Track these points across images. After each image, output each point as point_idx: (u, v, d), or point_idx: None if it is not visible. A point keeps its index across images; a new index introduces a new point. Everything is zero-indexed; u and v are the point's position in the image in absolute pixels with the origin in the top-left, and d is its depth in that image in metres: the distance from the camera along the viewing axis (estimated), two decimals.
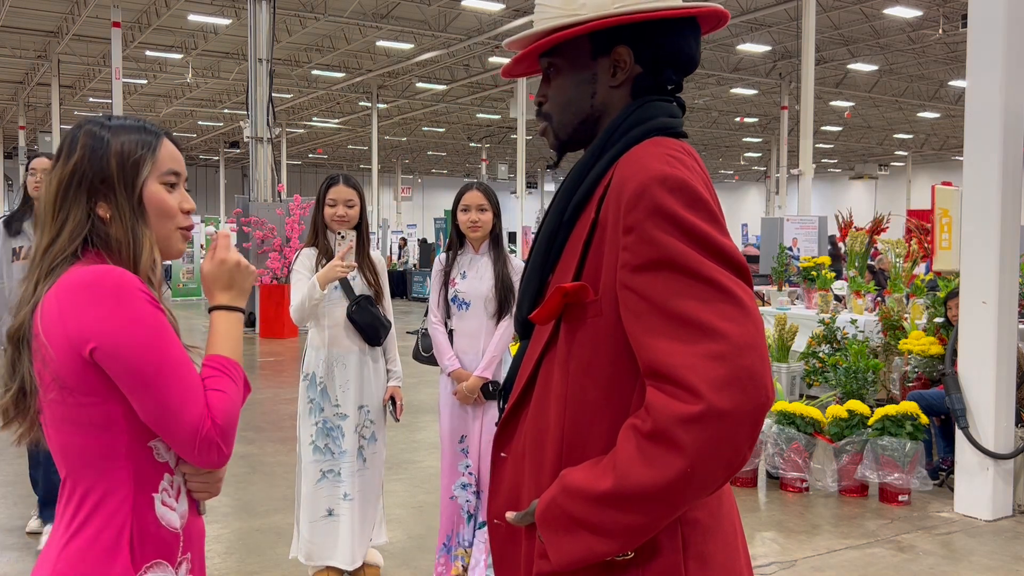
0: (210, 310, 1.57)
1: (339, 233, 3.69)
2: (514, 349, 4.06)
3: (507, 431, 1.45)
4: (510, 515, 1.38)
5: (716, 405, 1.15)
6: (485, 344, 3.75)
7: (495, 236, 3.80)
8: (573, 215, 1.39)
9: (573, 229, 1.39)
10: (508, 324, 3.76)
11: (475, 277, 3.76)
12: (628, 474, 1.20)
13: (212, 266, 1.56)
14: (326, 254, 3.75)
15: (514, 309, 3.68)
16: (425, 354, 3.97)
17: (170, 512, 1.50)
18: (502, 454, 1.45)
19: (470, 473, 3.77)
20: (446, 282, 3.81)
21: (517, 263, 3.80)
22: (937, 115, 34.73)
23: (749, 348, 1.17)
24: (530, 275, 1.45)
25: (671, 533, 1.29)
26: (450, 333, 3.81)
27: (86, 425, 1.42)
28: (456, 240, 3.85)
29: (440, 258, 3.88)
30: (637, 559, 1.28)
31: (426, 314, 3.95)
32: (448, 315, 3.81)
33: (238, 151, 36.64)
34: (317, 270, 3.69)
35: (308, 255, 3.79)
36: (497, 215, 3.79)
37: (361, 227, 3.80)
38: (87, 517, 1.44)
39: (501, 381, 3.70)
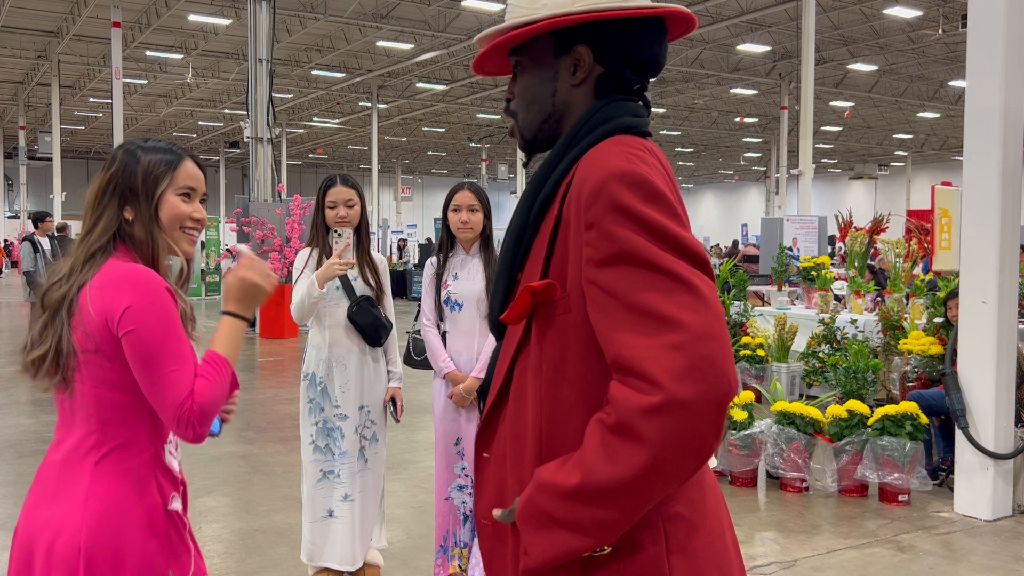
0: (222, 313, 1.87)
1: (336, 231, 3.68)
2: None
3: (488, 431, 1.46)
4: (496, 512, 1.38)
5: (676, 395, 1.15)
6: (479, 345, 3.74)
7: (486, 237, 3.79)
8: (539, 213, 1.40)
9: (540, 227, 1.41)
10: None
11: (467, 278, 3.75)
12: (594, 469, 1.21)
13: (234, 280, 1.87)
14: (327, 255, 3.75)
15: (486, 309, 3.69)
16: (417, 358, 3.96)
17: (173, 459, 1.90)
18: (484, 454, 1.47)
19: (466, 475, 3.76)
20: (439, 284, 3.80)
21: None
22: (937, 115, 34.73)
23: (709, 337, 1.18)
24: (499, 274, 1.47)
25: (652, 528, 1.29)
26: (443, 335, 3.80)
27: (119, 385, 1.77)
28: (447, 241, 3.84)
29: (431, 260, 3.86)
30: (618, 555, 1.28)
31: (416, 317, 3.94)
32: (441, 317, 3.80)
33: (238, 151, 36.64)
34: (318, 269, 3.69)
35: (311, 255, 3.79)
36: (488, 216, 3.78)
37: (361, 228, 3.79)
38: (115, 453, 1.78)
39: None
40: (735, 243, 30.94)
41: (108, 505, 1.73)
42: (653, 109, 30.44)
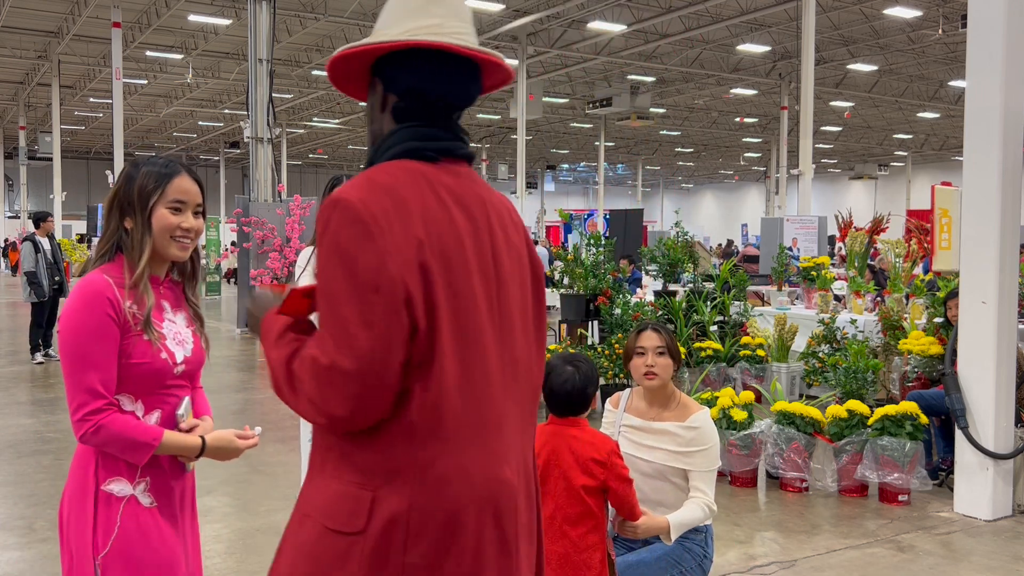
0: (201, 437, 2.13)
1: None
2: None
3: None
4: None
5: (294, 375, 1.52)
6: None
7: None
8: None
9: None
10: None
11: None
12: (289, 344, 1.57)
13: (225, 445, 2.15)
14: None
15: None
16: None
17: None
18: None
19: None
20: None
21: None
22: (937, 115, 34.72)
23: (311, 378, 1.47)
24: None
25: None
26: None
27: None
28: None
29: None
30: None
31: None
32: None
33: (238, 151, 36.64)
34: None
35: (313, 253, 3.79)
36: None
37: None
38: None
39: None
40: (729, 242, 30.89)
41: (69, 477, 2.11)
42: (653, 109, 30.54)
